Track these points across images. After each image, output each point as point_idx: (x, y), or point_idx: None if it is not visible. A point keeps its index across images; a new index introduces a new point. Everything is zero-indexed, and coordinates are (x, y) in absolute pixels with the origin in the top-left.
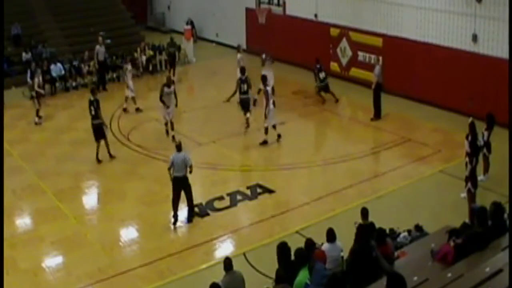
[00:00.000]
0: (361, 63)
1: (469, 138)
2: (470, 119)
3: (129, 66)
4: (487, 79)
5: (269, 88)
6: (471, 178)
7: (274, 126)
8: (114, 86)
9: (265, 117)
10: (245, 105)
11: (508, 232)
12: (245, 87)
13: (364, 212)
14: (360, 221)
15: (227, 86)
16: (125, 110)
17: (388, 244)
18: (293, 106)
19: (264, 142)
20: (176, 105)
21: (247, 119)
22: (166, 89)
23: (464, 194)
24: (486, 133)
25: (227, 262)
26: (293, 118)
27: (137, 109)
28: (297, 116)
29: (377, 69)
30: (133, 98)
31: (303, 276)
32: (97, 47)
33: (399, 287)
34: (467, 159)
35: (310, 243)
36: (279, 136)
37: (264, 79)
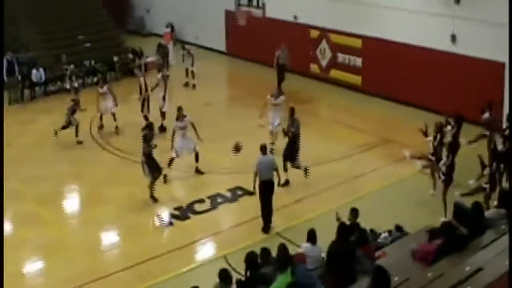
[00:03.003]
0: (341, 65)
1: (437, 138)
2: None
3: None
4: (466, 79)
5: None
6: (448, 174)
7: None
8: (93, 90)
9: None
10: None
11: (508, 232)
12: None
13: (354, 212)
14: (345, 218)
15: (206, 89)
16: None
17: (370, 244)
18: None
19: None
20: None
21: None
22: None
23: (432, 191)
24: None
25: (225, 274)
26: None
27: None
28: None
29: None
30: None
31: (279, 282)
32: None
33: (384, 280)
34: (433, 157)
35: (265, 252)
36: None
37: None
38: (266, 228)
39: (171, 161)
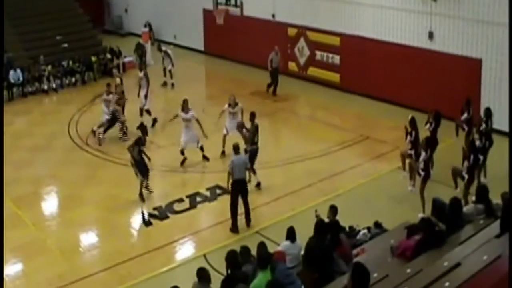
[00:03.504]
0: (319, 62)
1: (413, 134)
2: (410, 116)
3: None
4: (443, 76)
5: (184, 114)
6: (425, 170)
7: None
8: (72, 91)
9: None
10: None
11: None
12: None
13: (333, 210)
14: (324, 216)
15: (184, 88)
16: None
17: (344, 244)
18: (251, 107)
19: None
20: None
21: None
22: None
23: (411, 188)
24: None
25: (203, 273)
26: None
27: None
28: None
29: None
30: None
31: (260, 280)
32: None
33: (363, 276)
34: (412, 151)
35: (246, 251)
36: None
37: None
38: (234, 228)
39: (181, 151)
